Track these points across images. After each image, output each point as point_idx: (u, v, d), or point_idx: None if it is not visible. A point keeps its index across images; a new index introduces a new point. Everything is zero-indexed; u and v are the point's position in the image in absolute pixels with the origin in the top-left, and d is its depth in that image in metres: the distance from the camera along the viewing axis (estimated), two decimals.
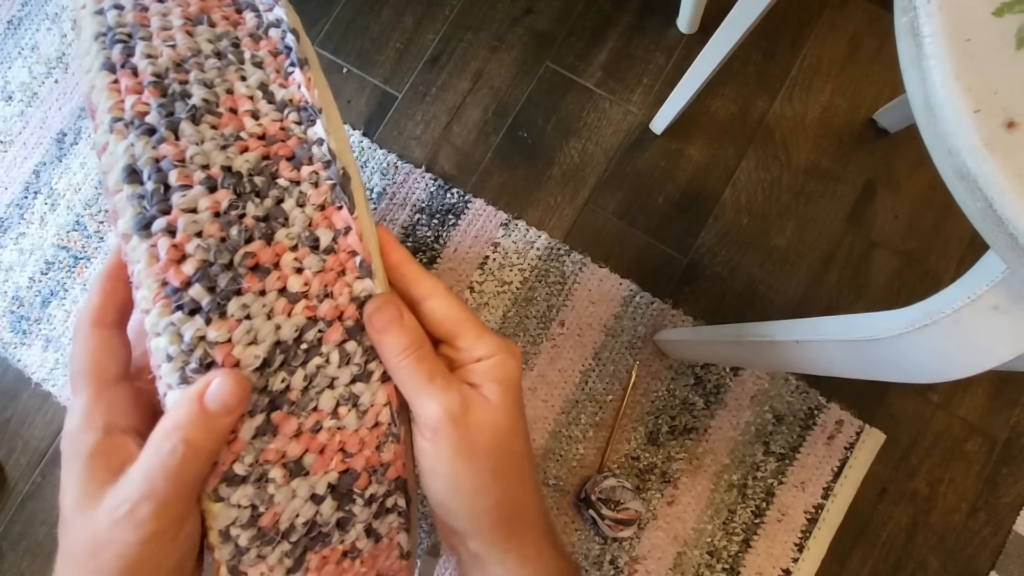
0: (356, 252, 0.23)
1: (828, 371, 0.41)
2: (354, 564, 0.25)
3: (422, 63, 0.79)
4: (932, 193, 0.75)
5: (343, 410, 0.23)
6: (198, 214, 0.21)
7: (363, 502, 0.24)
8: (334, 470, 0.23)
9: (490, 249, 0.74)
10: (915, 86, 0.25)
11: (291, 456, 0.22)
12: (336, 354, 0.23)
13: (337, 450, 0.23)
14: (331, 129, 0.24)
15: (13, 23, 0.82)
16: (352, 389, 0.23)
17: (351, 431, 0.23)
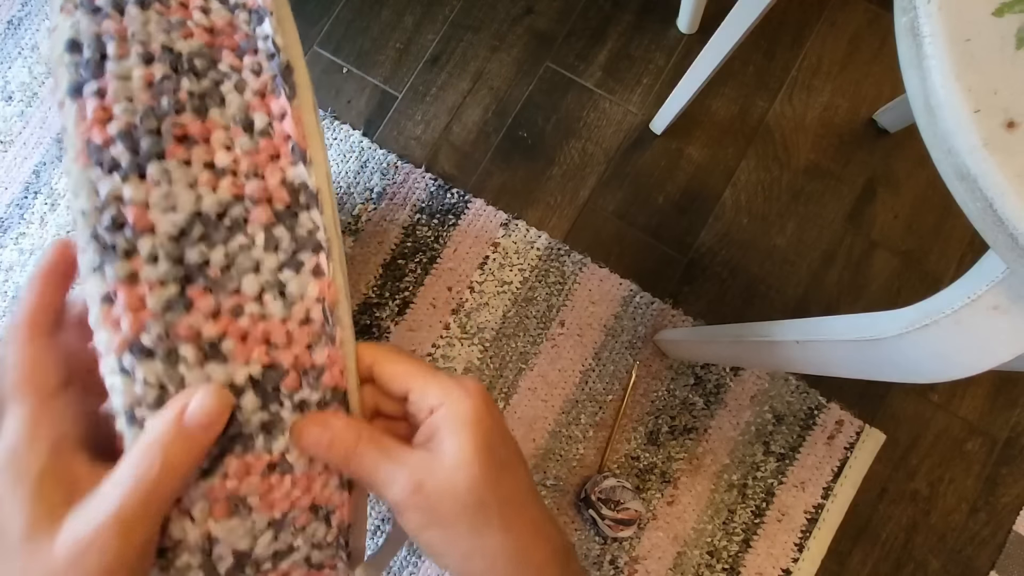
0: (291, 137, 0.23)
1: (828, 371, 0.41)
2: (283, 480, 0.23)
3: (422, 63, 0.79)
4: (932, 193, 0.75)
5: (268, 297, 0.22)
6: (130, 82, 0.21)
7: (291, 405, 0.23)
8: (257, 362, 0.22)
9: (490, 249, 0.74)
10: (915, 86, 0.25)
11: (207, 336, 0.21)
12: (262, 236, 0.22)
13: (261, 341, 0.22)
14: (280, 28, 0.24)
15: (13, 23, 0.82)
16: (279, 276, 0.23)
17: (277, 321, 0.22)
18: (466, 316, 0.73)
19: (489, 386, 0.72)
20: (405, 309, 0.73)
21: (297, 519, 0.24)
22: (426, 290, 0.74)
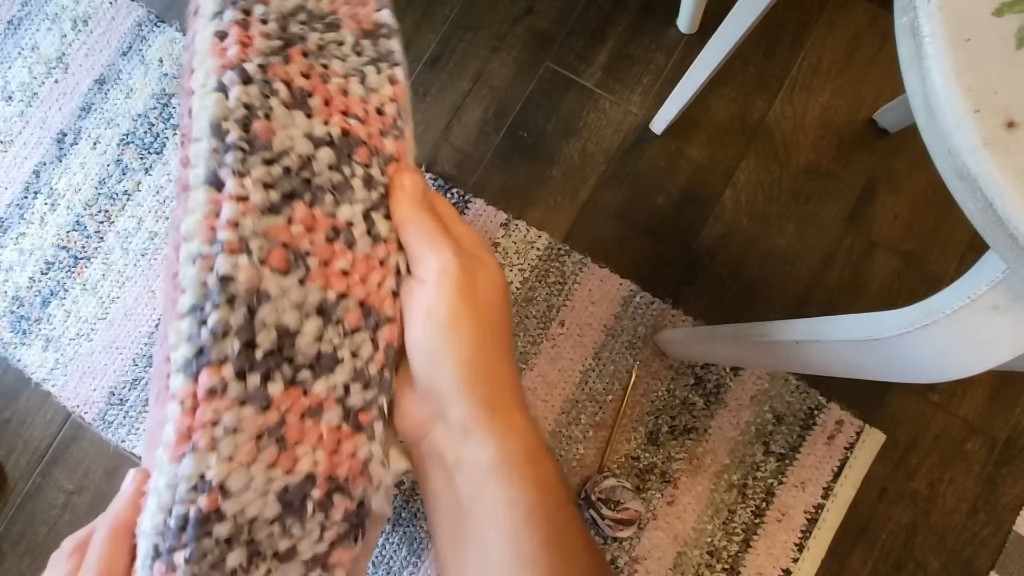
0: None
1: (828, 371, 0.41)
2: (344, 254, 0.25)
3: (422, 63, 0.79)
4: (932, 193, 0.75)
5: (353, 80, 0.27)
6: None
7: (362, 177, 0.26)
8: (336, 125, 0.26)
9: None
10: (915, 86, 0.25)
11: (298, 85, 0.25)
12: (351, 38, 0.28)
13: (342, 110, 0.26)
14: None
15: (13, 23, 0.82)
16: (363, 69, 0.28)
17: (357, 99, 0.27)
18: None
19: None
20: None
21: (348, 314, 0.26)
22: None
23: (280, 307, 0.24)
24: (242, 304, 0.23)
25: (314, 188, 0.25)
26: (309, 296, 0.24)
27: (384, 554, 0.69)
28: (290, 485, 0.24)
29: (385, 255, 0.27)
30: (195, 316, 0.22)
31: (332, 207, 0.25)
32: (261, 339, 0.23)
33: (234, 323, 0.23)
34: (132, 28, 0.81)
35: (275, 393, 0.23)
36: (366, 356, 0.26)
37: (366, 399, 0.26)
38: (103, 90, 0.80)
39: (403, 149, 0.28)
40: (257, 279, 0.23)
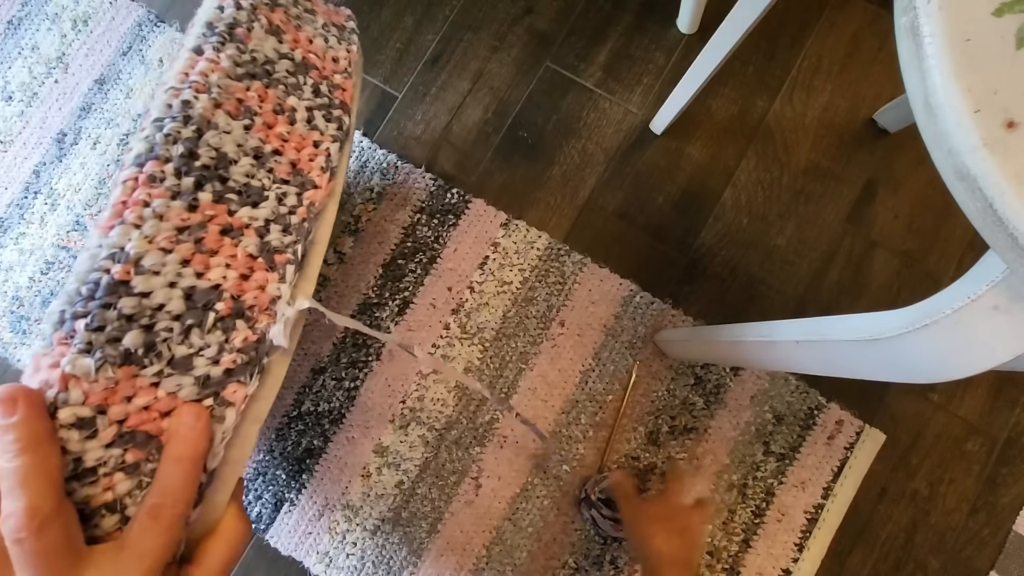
0: None
1: (828, 371, 0.41)
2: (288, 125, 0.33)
3: (422, 63, 0.79)
4: (932, 193, 0.75)
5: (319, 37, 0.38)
6: None
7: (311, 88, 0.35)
8: (300, 52, 0.35)
9: (490, 249, 0.74)
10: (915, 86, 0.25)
11: (275, 23, 0.34)
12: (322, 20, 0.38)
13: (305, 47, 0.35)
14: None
15: (13, 23, 0.82)
16: (327, 35, 0.37)
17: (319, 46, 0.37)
18: (466, 316, 0.73)
19: (489, 385, 0.72)
20: (405, 309, 0.73)
21: (279, 167, 0.32)
22: (426, 290, 0.74)
23: (224, 138, 0.30)
24: (194, 124, 0.29)
25: (273, 79, 0.33)
26: (249, 141, 0.31)
27: (384, 554, 0.69)
28: (198, 287, 0.27)
29: (320, 141, 0.34)
30: (156, 125, 0.28)
31: (283, 94, 0.33)
32: (202, 153, 0.29)
33: (184, 134, 0.29)
34: (132, 28, 0.81)
35: (204, 200, 0.28)
36: (290, 204, 0.32)
37: (283, 242, 0.31)
38: (103, 90, 0.80)
39: (349, 85, 0.37)
40: (211, 112, 0.30)
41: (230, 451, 0.28)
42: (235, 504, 0.29)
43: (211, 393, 0.27)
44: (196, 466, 0.26)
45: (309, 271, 0.32)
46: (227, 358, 0.27)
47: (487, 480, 0.70)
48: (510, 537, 0.69)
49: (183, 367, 0.26)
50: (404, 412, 0.71)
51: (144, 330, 0.25)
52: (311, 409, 0.72)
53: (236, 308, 0.28)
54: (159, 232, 0.26)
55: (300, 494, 0.71)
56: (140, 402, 0.25)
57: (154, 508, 0.25)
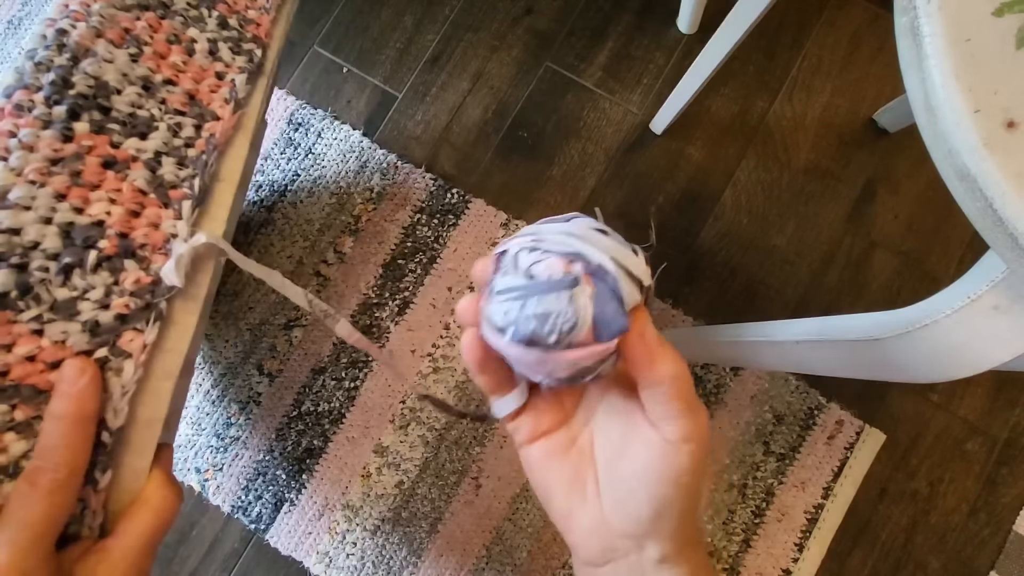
0: None
1: (828, 371, 0.41)
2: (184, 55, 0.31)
3: (422, 63, 0.79)
4: (932, 193, 0.75)
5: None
6: None
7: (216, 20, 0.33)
8: None
9: (490, 249, 0.74)
10: (915, 86, 0.25)
11: None
12: None
13: None
14: None
15: (13, 23, 0.82)
16: None
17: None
18: None
19: None
20: (405, 309, 0.73)
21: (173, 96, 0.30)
22: (426, 290, 0.74)
23: (104, 67, 0.28)
24: (69, 52, 0.27)
25: (170, 11, 0.31)
26: (137, 70, 0.29)
27: (384, 554, 0.69)
28: (76, 224, 0.25)
29: (224, 72, 0.32)
30: (27, 55, 0.27)
31: (181, 26, 0.32)
32: (78, 81, 0.27)
33: (57, 62, 0.27)
34: None
35: (80, 130, 0.27)
36: (186, 136, 0.30)
37: (179, 176, 0.29)
38: None
39: (266, 20, 0.35)
40: (91, 40, 0.28)
41: (140, 409, 0.26)
42: (160, 471, 0.26)
43: (104, 342, 0.25)
44: (80, 426, 0.24)
45: (214, 209, 0.30)
46: (118, 302, 0.25)
47: (487, 480, 0.70)
48: (510, 537, 0.69)
49: (66, 311, 0.24)
50: (404, 412, 0.71)
51: (15, 269, 0.23)
52: (311, 409, 0.72)
53: (124, 247, 0.26)
54: (27, 163, 0.24)
55: (300, 494, 0.71)
56: (21, 351, 0.23)
57: (32, 472, 0.23)
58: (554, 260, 0.20)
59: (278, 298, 0.74)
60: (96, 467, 0.24)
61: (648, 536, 0.23)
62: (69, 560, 0.24)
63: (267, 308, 0.74)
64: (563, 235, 0.21)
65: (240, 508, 0.70)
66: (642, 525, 0.23)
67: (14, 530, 0.22)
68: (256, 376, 0.72)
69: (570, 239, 0.21)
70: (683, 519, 0.23)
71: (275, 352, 0.73)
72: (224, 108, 0.31)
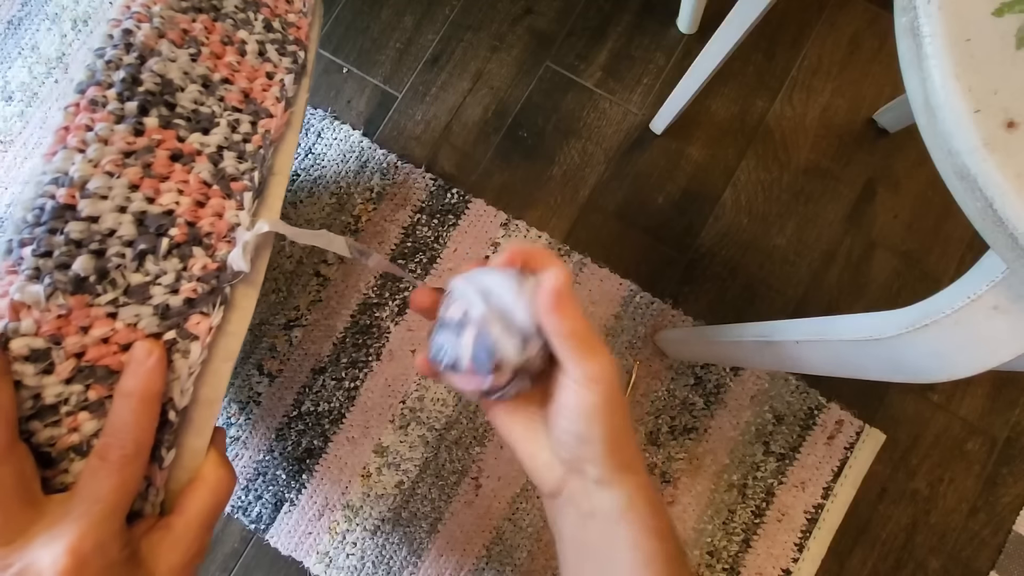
0: None
1: (828, 371, 0.41)
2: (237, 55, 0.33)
3: (422, 63, 0.79)
4: (932, 193, 0.75)
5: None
6: None
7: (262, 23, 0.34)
8: None
9: (490, 249, 0.74)
10: (915, 86, 0.25)
11: None
12: None
13: None
14: None
15: (13, 23, 0.82)
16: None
17: None
18: None
19: None
20: (405, 309, 0.73)
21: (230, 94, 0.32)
22: None
23: (168, 66, 0.30)
24: (136, 51, 0.29)
25: (221, 14, 0.33)
26: (197, 68, 0.31)
27: (384, 554, 0.69)
28: (149, 212, 0.27)
29: (273, 72, 0.34)
30: (97, 53, 0.28)
31: (232, 28, 0.33)
32: (146, 79, 0.29)
33: (126, 60, 0.28)
34: None
35: (150, 125, 0.28)
36: (243, 132, 0.31)
37: (239, 169, 0.30)
38: None
39: (304, 23, 0.37)
40: (154, 41, 0.29)
41: (201, 389, 0.27)
42: (215, 451, 0.27)
43: (173, 325, 0.26)
44: (147, 403, 0.24)
45: (270, 200, 0.31)
46: (186, 287, 0.26)
47: (487, 480, 0.70)
48: (510, 537, 0.69)
49: (139, 295, 0.25)
50: (404, 412, 0.71)
51: (94, 255, 0.24)
52: (311, 409, 0.72)
53: (192, 234, 0.27)
54: (104, 156, 0.26)
55: (300, 494, 0.71)
56: (97, 333, 0.24)
57: (103, 448, 0.23)
58: (454, 306, 0.27)
59: (278, 298, 0.74)
60: (162, 445, 0.25)
61: (583, 462, 0.27)
62: (135, 536, 0.24)
63: (267, 308, 0.74)
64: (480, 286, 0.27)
65: (240, 508, 0.70)
66: (573, 452, 0.27)
67: (88, 503, 0.22)
68: (256, 376, 0.72)
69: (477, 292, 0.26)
70: (608, 445, 0.26)
71: (275, 352, 0.73)
72: (277, 106, 0.33)
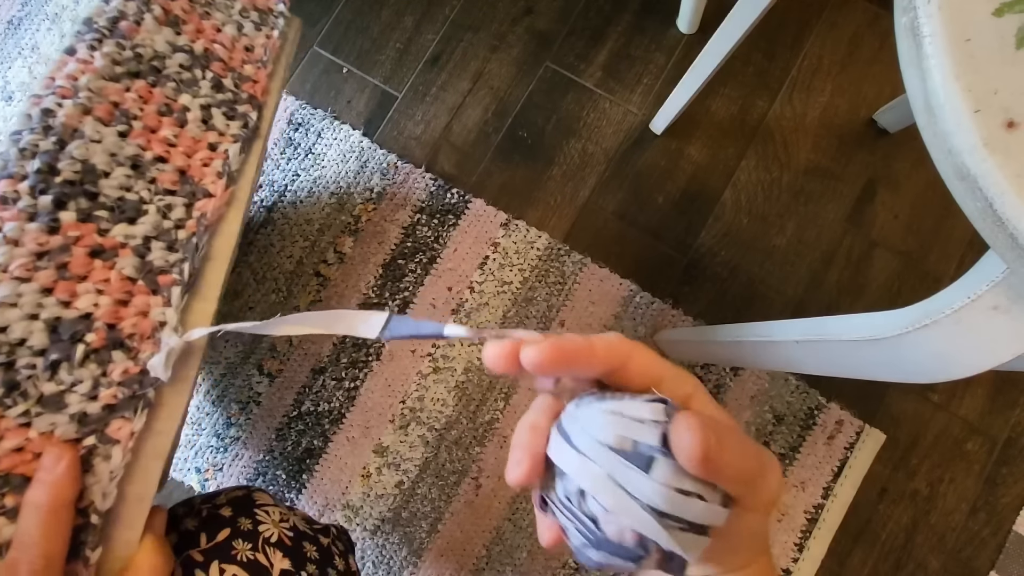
0: None
1: (828, 371, 0.41)
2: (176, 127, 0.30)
3: (422, 63, 0.79)
4: (932, 193, 0.75)
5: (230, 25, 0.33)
6: None
7: (211, 82, 0.32)
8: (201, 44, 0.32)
9: (490, 249, 0.74)
10: (915, 86, 0.25)
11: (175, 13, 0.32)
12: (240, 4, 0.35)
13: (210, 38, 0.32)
14: None
15: (13, 23, 0.82)
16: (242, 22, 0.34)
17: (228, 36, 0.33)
18: (466, 316, 0.73)
19: (489, 386, 0.72)
20: (405, 309, 0.73)
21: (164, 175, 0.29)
22: (426, 290, 0.74)
23: (92, 148, 0.27)
24: (55, 134, 0.26)
25: (161, 76, 0.30)
26: (126, 149, 0.28)
27: (384, 554, 0.69)
28: (64, 319, 0.25)
29: (217, 142, 0.31)
30: (12, 139, 0.26)
31: (174, 93, 0.30)
32: (64, 167, 0.26)
33: (43, 147, 0.26)
34: None
35: (66, 220, 0.26)
36: (176, 218, 0.28)
37: (168, 261, 0.28)
38: None
39: (263, 76, 0.34)
40: (77, 120, 0.27)
41: (129, 488, 0.26)
42: (151, 537, 0.27)
43: (92, 431, 0.25)
44: (56, 513, 0.23)
45: (205, 290, 0.29)
46: (105, 393, 0.25)
47: (487, 480, 0.70)
48: (510, 537, 0.69)
49: (54, 405, 0.24)
50: (404, 412, 0.71)
51: (2, 368, 0.23)
52: (311, 409, 0.72)
53: (111, 338, 0.26)
54: (12, 259, 0.24)
55: (300, 494, 0.70)
56: (9, 444, 0.23)
57: (11, 564, 0.23)
58: (628, 532, 0.19)
59: (278, 298, 0.74)
60: (85, 545, 0.24)
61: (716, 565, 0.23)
62: None
63: (267, 308, 0.74)
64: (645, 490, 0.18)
65: None
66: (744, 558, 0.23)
67: None
68: (256, 376, 0.72)
69: (647, 508, 0.18)
70: (754, 554, 0.23)
71: (275, 352, 0.73)
72: (217, 184, 0.30)
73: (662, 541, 0.18)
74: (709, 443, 0.18)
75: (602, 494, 0.19)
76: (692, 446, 0.18)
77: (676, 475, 0.18)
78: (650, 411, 0.19)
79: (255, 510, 0.34)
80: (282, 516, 0.35)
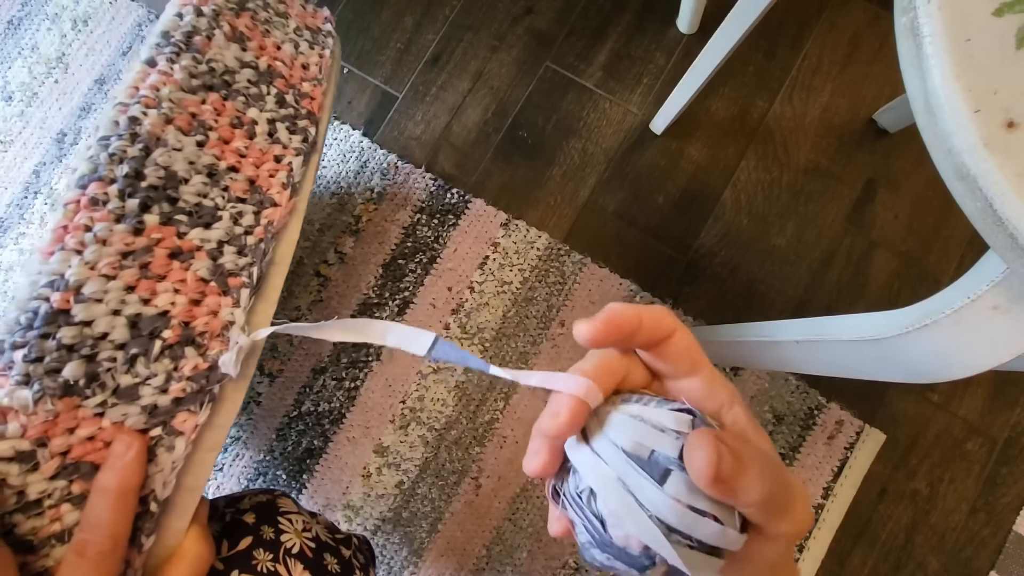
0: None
1: (828, 371, 0.41)
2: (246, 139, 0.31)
3: (422, 63, 0.79)
4: (932, 193, 0.75)
5: (288, 43, 0.35)
6: None
7: (275, 97, 0.33)
8: (264, 61, 0.34)
9: (490, 249, 0.74)
10: (915, 86, 0.25)
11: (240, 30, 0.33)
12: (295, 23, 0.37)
13: (272, 55, 0.34)
14: None
15: (13, 23, 0.82)
16: (298, 40, 0.36)
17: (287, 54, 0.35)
18: (466, 316, 0.73)
19: (489, 386, 0.72)
20: (405, 309, 0.73)
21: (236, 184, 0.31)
22: (426, 290, 0.74)
23: (174, 156, 0.28)
24: (142, 142, 0.28)
25: (232, 90, 0.32)
26: (203, 158, 0.30)
27: (384, 554, 0.69)
28: (143, 315, 0.26)
29: (281, 155, 0.33)
30: (101, 144, 0.27)
31: (243, 106, 0.32)
32: (149, 173, 0.27)
33: (130, 153, 0.27)
34: (132, 28, 0.81)
35: (150, 223, 0.27)
36: (246, 224, 0.30)
37: (238, 264, 0.29)
38: (103, 90, 0.80)
39: (319, 92, 0.36)
40: (161, 129, 0.28)
41: (184, 478, 0.27)
42: (196, 526, 0.28)
43: (159, 422, 0.26)
44: (124, 498, 0.25)
45: (268, 293, 0.31)
46: (176, 387, 0.26)
47: (487, 480, 0.70)
48: (510, 537, 0.69)
49: (128, 397, 0.25)
50: (404, 412, 0.71)
51: (85, 360, 0.24)
52: (311, 409, 0.72)
53: (185, 335, 0.27)
54: (101, 258, 0.25)
55: (300, 494, 0.71)
56: (83, 433, 0.25)
57: (80, 544, 0.24)
58: (633, 540, 0.18)
59: (278, 298, 0.74)
60: (141, 532, 0.26)
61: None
62: None
63: None
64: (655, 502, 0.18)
65: None
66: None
67: None
68: (256, 376, 0.72)
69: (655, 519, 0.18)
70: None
71: (275, 352, 0.73)
72: (282, 194, 0.32)
73: (667, 556, 0.18)
74: (723, 463, 0.17)
75: (609, 497, 0.18)
76: (703, 464, 0.17)
77: (691, 492, 0.18)
78: (674, 420, 0.19)
79: (279, 518, 0.34)
80: (305, 525, 0.35)
